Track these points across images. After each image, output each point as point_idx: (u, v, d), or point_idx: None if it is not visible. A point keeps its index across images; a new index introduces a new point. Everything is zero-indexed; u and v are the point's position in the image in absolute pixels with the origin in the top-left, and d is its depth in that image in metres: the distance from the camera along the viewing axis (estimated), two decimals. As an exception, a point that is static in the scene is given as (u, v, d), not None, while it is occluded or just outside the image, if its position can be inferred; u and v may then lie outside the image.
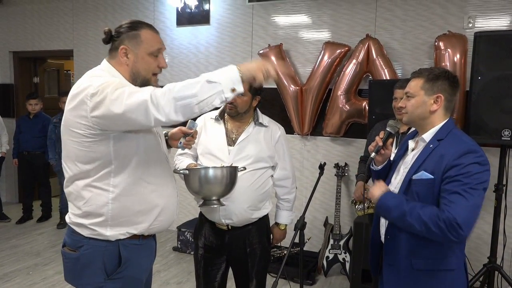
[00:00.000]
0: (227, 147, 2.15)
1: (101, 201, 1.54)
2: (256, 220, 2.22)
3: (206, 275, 2.27)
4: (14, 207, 5.65)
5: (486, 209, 3.45)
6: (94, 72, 1.58)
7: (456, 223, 1.48)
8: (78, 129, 1.49)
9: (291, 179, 2.31)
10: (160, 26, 4.73)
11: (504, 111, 2.64)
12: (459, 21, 3.47)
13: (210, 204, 1.90)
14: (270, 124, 2.25)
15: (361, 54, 3.63)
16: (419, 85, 1.70)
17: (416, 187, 1.65)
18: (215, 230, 2.22)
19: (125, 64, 1.60)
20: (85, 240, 1.57)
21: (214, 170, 1.87)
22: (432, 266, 1.65)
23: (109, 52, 1.64)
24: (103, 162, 1.52)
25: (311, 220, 4.08)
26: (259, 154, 2.16)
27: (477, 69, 2.71)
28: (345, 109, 3.74)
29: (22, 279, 3.60)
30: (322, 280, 3.62)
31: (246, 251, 2.21)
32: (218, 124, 2.22)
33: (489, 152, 3.42)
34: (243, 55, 4.36)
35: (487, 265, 2.91)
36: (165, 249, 4.34)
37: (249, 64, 1.48)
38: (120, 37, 1.59)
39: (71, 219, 1.61)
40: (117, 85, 1.43)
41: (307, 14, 4.05)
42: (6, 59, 5.85)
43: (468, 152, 1.57)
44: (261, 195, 2.18)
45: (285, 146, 2.28)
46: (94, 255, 1.56)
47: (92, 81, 1.48)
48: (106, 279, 1.58)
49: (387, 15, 3.73)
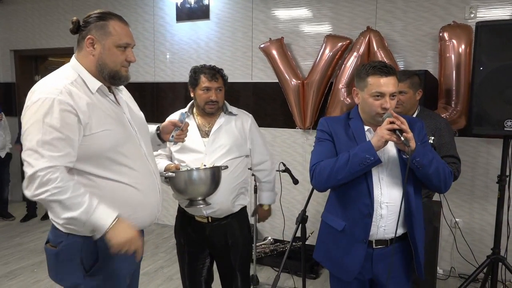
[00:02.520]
0: (201, 139, 2.20)
1: None
2: (236, 211, 2.26)
3: (192, 271, 2.30)
4: (18, 205, 5.68)
5: (489, 200, 3.44)
6: (48, 76, 1.57)
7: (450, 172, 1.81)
8: None
9: (268, 161, 2.41)
10: (160, 21, 4.72)
11: (507, 102, 2.61)
12: (460, 12, 3.44)
13: (196, 205, 1.95)
14: (239, 113, 2.32)
15: (362, 46, 3.61)
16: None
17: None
18: (196, 224, 2.25)
19: (91, 55, 1.56)
20: (64, 235, 1.56)
21: (198, 171, 1.93)
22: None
23: (77, 44, 1.60)
24: None
25: (313, 214, 4.07)
26: (235, 142, 2.22)
27: (479, 60, 2.68)
28: (346, 102, 3.72)
29: (27, 277, 3.62)
30: (326, 274, 3.61)
31: (228, 243, 2.25)
32: (189, 120, 2.21)
33: (492, 143, 3.41)
34: (243, 49, 4.34)
35: (490, 256, 2.90)
36: (168, 245, 4.35)
37: (123, 232, 1.49)
38: (88, 27, 1.56)
39: (50, 215, 1.60)
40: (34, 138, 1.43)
41: (307, 7, 4.02)
42: (7, 58, 5.86)
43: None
44: (239, 183, 2.24)
45: (257, 132, 2.36)
46: (72, 250, 1.56)
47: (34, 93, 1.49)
48: (85, 275, 1.56)
49: (388, 6, 3.70)
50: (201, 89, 2.18)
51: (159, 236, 4.61)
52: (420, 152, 1.67)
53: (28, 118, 1.45)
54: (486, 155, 3.46)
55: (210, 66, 2.24)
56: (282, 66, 3.94)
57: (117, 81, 1.62)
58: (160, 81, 4.81)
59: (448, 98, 3.31)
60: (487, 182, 3.46)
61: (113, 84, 1.64)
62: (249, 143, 2.30)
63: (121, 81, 1.64)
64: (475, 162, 3.46)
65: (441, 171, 1.73)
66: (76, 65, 1.58)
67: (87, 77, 1.56)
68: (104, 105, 1.58)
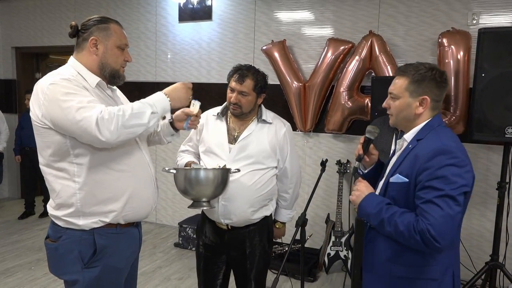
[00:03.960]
0: (228, 145, 2.11)
1: (69, 192, 1.58)
2: (258, 220, 2.17)
3: (207, 273, 2.25)
4: (16, 203, 5.67)
5: (489, 206, 3.45)
6: (54, 71, 1.62)
7: (430, 236, 1.38)
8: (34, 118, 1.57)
9: (288, 178, 2.24)
10: (162, 22, 4.72)
11: (508, 109, 2.62)
12: (463, 18, 3.44)
13: (199, 206, 1.85)
14: (274, 121, 2.19)
15: (364, 50, 3.61)
16: (403, 85, 1.58)
17: (392, 191, 1.56)
18: (215, 229, 2.20)
19: (94, 55, 1.65)
20: (63, 230, 1.62)
21: (205, 171, 1.82)
22: (413, 274, 1.53)
23: (76, 47, 1.68)
24: (61, 152, 1.55)
25: (312, 217, 4.07)
26: (261, 154, 2.10)
27: (481, 66, 2.69)
28: (347, 106, 3.73)
29: (24, 274, 3.61)
30: (324, 277, 3.61)
31: (246, 252, 2.17)
32: (220, 121, 2.18)
33: (492, 150, 3.41)
34: (245, 51, 4.34)
35: (489, 263, 2.90)
36: (166, 245, 4.35)
37: (175, 88, 1.66)
38: (90, 29, 1.64)
39: (50, 211, 1.67)
40: (69, 90, 1.49)
41: (310, 10, 4.03)
42: (8, 55, 5.85)
43: (440, 153, 1.43)
44: (262, 196, 2.13)
45: (290, 144, 2.20)
46: (71, 244, 1.61)
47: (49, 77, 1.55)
48: (83, 268, 1.61)
49: (391, 11, 3.70)
50: (229, 88, 2.12)
51: (157, 236, 4.60)
52: (364, 215, 1.57)
53: (53, 107, 1.49)
54: (486, 161, 3.46)
55: (247, 66, 2.12)
56: (284, 68, 3.94)
57: (116, 80, 1.72)
58: (161, 80, 4.81)
59: (447, 104, 3.32)
60: (487, 189, 3.46)
61: (112, 83, 1.73)
62: (278, 153, 2.16)
63: (120, 80, 1.73)
64: (475, 168, 3.38)
65: (395, 236, 1.48)
66: (75, 63, 1.66)
67: (86, 73, 1.64)
68: (103, 99, 1.65)
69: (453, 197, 1.41)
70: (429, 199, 1.42)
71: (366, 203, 1.57)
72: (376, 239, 1.62)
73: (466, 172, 1.45)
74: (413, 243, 1.44)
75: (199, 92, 4.61)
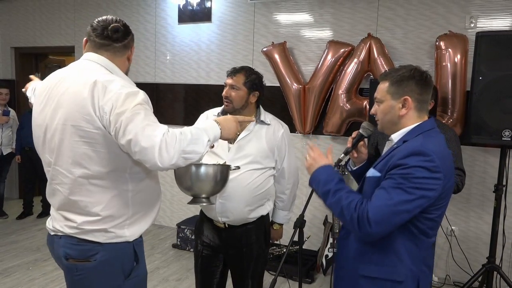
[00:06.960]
0: (227, 144, 2.13)
1: (122, 201, 1.52)
2: (255, 219, 2.20)
3: (205, 272, 2.27)
4: (14, 203, 5.67)
5: (486, 209, 3.46)
6: (105, 74, 1.52)
7: (366, 218, 1.36)
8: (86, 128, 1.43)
9: (286, 179, 2.27)
10: (162, 23, 4.73)
11: (505, 112, 2.64)
12: (461, 21, 3.46)
13: (199, 202, 1.83)
14: (273, 122, 2.21)
15: (362, 53, 3.63)
16: (385, 89, 1.58)
17: (366, 185, 1.57)
18: (213, 227, 2.22)
19: (128, 60, 1.64)
20: (100, 247, 1.50)
21: (205, 167, 1.81)
22: (376, 273, 1.50)
23: (114, 49, 1.57)
24: (120, 162, 1.48)
25: (310, 219, 4.08)
26: (259, 154, 2.13)
27: (478, 69, 2.71)
28: (346, 108, 3.74)
29: (22, 275, 3.61)
30: (321, 279, 3.62)
31: (242, 251, 2.19)
32: None
33: (489, 152, 3.43)
34: (244, 52, 4.35)
35: (486, 265, 2.91)
36: (164, 246, 4.35)
37: (227, 119, 1.64)
38: (130, 36, 1.61)
39: (79, 228, 1.50)
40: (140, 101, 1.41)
41: (309, 13, 4.04)
42: (7, 55, 5.85)
43: (416, 153, 1.39)
44: (259, 195, 2.15)
45: (287, 145, 2.23)
46: (113, 259, 1.53)
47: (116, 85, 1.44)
48: (124, 281, 1.56)
49: (389, 14, 3.72)
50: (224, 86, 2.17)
51: (155, 237, 4.60)
52: (314, 180, 1.61)
53: (124, 108, 1.38)
54: (483, 164, 3.48)
55: (243, 66, 2.19)
56: (284, 70, 3.95)
57: None
58: (160, 82, 4.81)
59: (444, 107, 3.34)
60: (484, 191, 3.48)
61: None
62: (276, 153, 2.19)
63: None
64: (472, 170, 3.48)
65: (334, 209, 1.50)
66: (114, 68, 1.58)
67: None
68: None
69: (408, 194, 1.37)
70: (384, 187, 1.41)
71: (321, 170, 1.60)
72: (348, 237, 1.62)
73: (435, 179, 1.38)
74: (347, 222, 1.43)
75: (198, 94, 4.64)
